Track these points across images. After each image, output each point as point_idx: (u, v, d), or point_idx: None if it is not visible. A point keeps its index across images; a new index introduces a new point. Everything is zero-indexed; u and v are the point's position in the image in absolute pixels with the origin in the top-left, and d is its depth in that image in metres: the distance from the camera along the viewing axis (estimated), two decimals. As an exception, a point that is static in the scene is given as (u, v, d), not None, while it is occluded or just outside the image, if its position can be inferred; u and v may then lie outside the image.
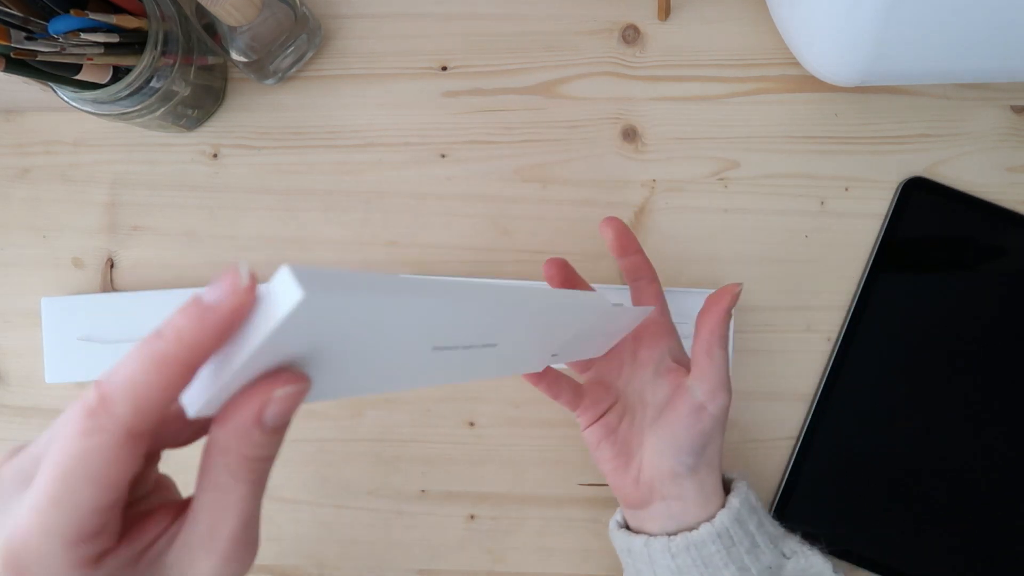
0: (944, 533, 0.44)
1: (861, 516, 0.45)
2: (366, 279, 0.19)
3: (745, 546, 0.36)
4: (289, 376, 0.19)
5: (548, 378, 0.39)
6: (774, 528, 0.38)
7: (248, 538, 0.20)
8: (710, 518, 0.36)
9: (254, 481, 0.20)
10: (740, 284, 0.37)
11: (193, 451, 0.22)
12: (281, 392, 0.18)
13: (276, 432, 0.19)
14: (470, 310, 0.23)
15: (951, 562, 0.44)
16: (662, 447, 0.37)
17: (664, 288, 0.45)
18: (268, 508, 0.47)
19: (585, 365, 0.41)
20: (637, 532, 0.39)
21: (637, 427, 0.39)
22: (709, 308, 0.37)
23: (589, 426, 0.39)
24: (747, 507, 0.37)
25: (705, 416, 0.36)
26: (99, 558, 0.19)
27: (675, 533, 0.37)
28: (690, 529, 0.36)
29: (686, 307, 0.45)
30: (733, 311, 0.38)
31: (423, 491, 0.47)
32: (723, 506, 0.37)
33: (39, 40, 0.36)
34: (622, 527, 0.40)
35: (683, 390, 0.37)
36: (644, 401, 0.39)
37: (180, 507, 0.22)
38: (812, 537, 0.38)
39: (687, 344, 0.41)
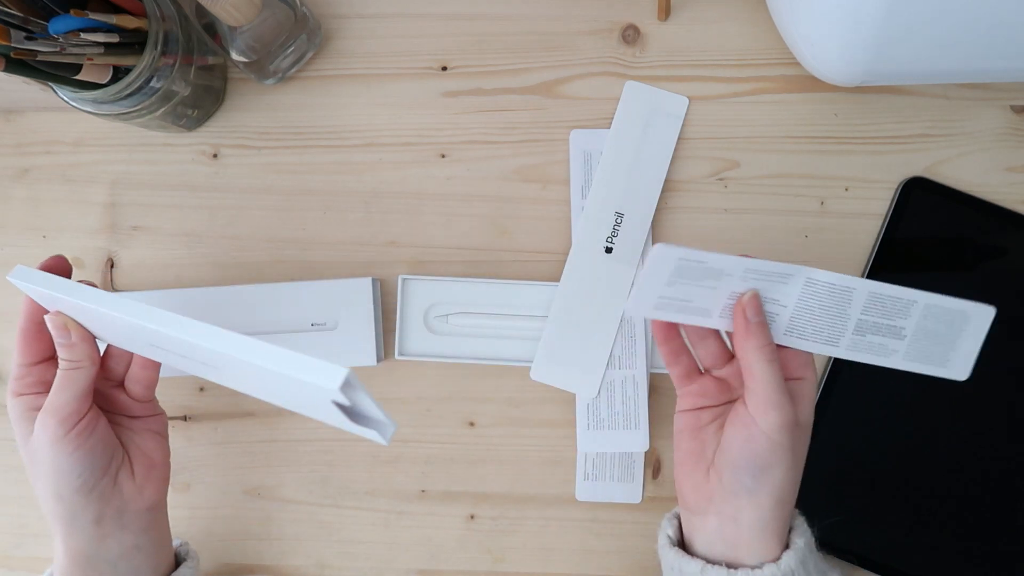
0: (944, 533, 0.44)
1: (861, 516, 0.45)
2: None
3: None
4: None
5: (672, 343, 0.38)
6: (825, 564, 0.37)
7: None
8: (774, 558, 0.34)
9: None
10: (750, 292, 0.35)
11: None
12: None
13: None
14: (169, 335, 0.32)
15: (951, 562, 0.44)
16: (722, 460, 0.36)
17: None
18: (268, 508, 0.47)
19: (726, 359, 0.39)
20: (690, 551, 0.37)
21: (719, 436, 0.37)
22: (734, 324, 0.36)
23: (682, 412, 0.38)
24: (809, 548, 0.35)
25: (756, 433, 0.34)
26: (72, 427, 0.36)
27: (731, 565, 0.35)
28: (738, 565, 0.34)
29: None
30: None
31: (423, 491, 0.47)
32: (787, 546, 0.35)
33: (39, 40, 0.36)
34: (675, 545, 0.38)
35: (741, 405, 0.36)
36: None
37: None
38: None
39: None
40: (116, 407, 0.40)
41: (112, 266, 0.48)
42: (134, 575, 0.38)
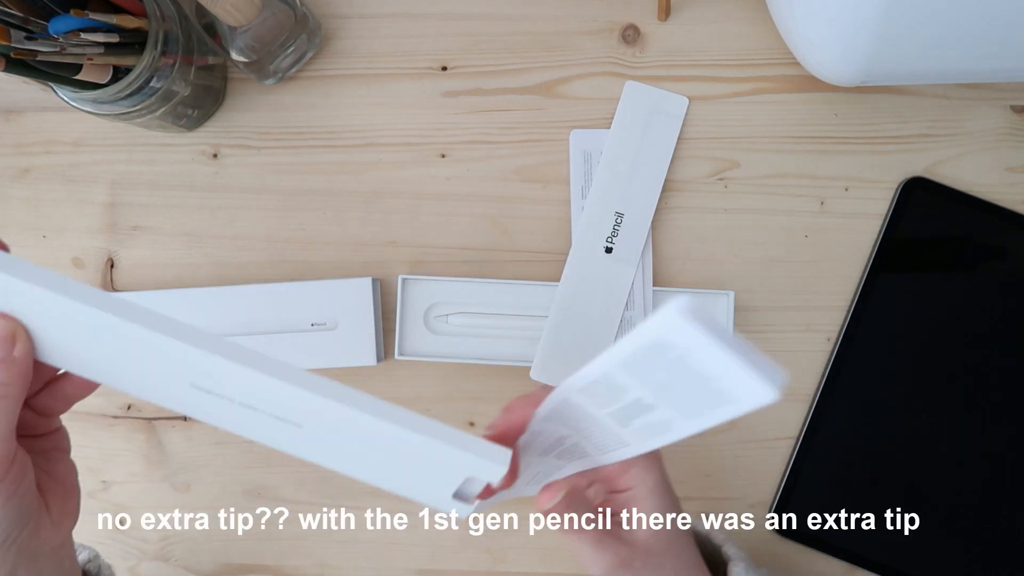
0: (944, 533, 0.44)
1: (861, 516, 0.45)
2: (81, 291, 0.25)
3: None
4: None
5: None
6: None
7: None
8: None
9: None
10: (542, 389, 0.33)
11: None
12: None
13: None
14: (241, 374, 0.26)
15: (951, 562, 0.44)
16: None
17: (663, 288, 0.46)
18: (268, 508, 0.47)
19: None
20: None
21: None
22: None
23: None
24: (747, 572, 0.34)
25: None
26: (4, 473, 0.27)
27: None
28: None
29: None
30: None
31: (423, 491, 0.47)
32: None
33: (39, 40, 0.36)
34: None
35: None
36: None
37: None
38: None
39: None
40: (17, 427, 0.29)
41: (112, 266, 0.48)
42: None
